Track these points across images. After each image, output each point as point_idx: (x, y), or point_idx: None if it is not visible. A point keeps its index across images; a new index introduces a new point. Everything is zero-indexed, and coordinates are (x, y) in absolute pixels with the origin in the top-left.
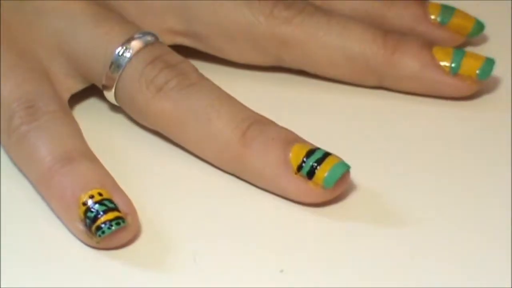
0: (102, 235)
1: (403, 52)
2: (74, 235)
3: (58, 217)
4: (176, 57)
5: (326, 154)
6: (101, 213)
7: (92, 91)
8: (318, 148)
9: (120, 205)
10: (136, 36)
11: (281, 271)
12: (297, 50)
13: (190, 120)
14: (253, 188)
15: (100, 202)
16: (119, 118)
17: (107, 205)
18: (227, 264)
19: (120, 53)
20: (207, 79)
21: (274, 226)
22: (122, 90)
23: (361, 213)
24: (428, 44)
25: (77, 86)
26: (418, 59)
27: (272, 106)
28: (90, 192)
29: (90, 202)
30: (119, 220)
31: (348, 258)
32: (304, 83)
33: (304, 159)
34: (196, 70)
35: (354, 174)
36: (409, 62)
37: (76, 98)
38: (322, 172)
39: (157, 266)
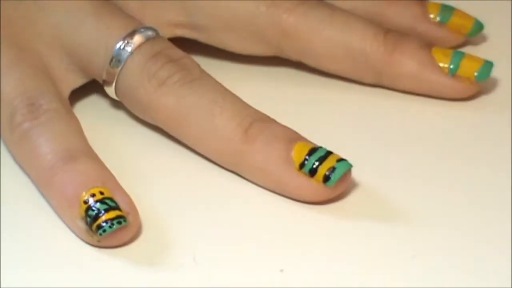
0: (103, 234)
1: (402, 50)
2: (75, 233)
3: (59, 215)
4: (178, 52)
5: (329, 153)
6: (103, 211)
7: (92, 88)
8: (320, 147)
9: (121, 204)
10: (137, 30)
11: (281, 271)
12: (298, 41)
13: (193, 116)
14: (253, 188)
15: (101, 201)
16: (119, 116)
17: (109, 204)
18: (227, 264)
19: (121, 48)
20: (209, 75)
21: (274, 226)
22: (123, 85)
23: (362, 212)
24: (428, 44)
25: (78, 81)
26: (417, 59)
27: (272, 103)
28: (91, 191)
29: (91, 201)
30: (120, 219)
31: (348, 258)
32: (305, 81)
33: (307, 157)
34: (198, 66)
35: (354, 173)
36: (408, 61)
37: (76, 96)
38: (324, 170)
39: (157, 265)
